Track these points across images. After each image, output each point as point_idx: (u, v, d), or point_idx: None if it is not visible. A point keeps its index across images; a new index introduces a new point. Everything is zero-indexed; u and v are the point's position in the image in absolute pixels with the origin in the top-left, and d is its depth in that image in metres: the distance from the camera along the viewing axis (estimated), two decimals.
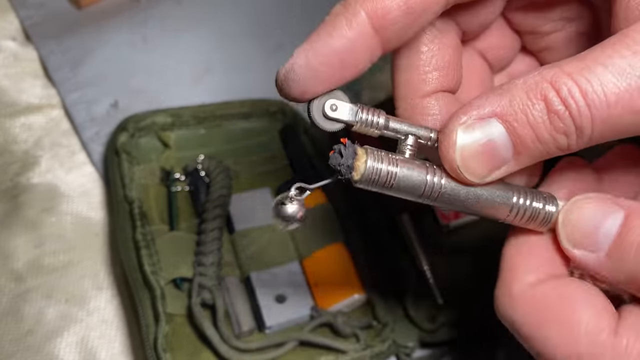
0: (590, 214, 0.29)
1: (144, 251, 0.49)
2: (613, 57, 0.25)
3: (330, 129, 0.29)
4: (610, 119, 0.25)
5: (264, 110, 0.60)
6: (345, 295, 0.51)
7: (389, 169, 0.28)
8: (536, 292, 0.28)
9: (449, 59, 0.33)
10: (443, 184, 0.28)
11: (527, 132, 0.26)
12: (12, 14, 0.68)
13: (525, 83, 0.26)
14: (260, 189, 0.57)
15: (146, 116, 0.57)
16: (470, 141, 0.27)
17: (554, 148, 0.27)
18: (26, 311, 0.51)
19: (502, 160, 0.27)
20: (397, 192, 0.28)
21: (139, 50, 0.67)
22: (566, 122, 0.26)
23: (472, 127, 0.27)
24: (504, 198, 0.29)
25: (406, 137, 0.29)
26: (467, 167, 0.28)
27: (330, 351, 0.48)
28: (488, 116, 0.27)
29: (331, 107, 0.29)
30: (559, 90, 0.25)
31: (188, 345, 0.47)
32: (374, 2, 0.28)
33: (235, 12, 0.72)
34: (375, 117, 0.29)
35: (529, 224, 0.30)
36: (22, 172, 0.58)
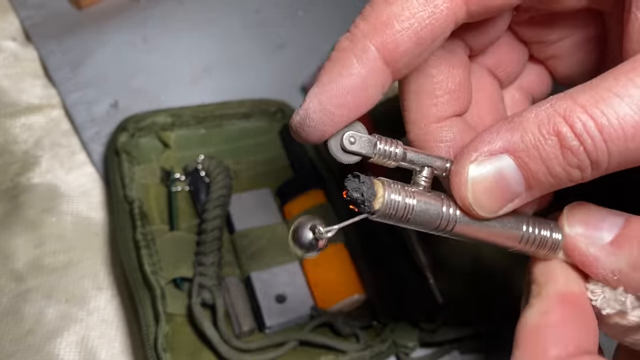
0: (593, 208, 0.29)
1: (144, 251, 0.49)
2: (628, 87, 0.24)
3: (348, 162, 0.29)
4: (628, 152, 0.25)
5: (264, 110, 0.60)
6: (345, 295, 0.51)
7: (406, 202, 0.27)
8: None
9: (459, 81, 0.32)
10: (458, 217, 0.28)
11: (539, 168, 0.26)
12: (12, 14, 0.68)
13: (537, 117, 0.26)
14: (260, 189, 0.57)
15: (146, 116, 0.57)
16: (482, 178, 0.27)
17: (566, 181, 0.26)
18: (26, 311, 0.51)
19: (514, 194, 0.27)
20: (413, 225, 0.28)
21: (139, 51, 0.67)
22: (580, 157, 0.25)
23: (483, 163, 0.27)
24: (515, 229, 0.29)
25: (422, 168, 0.29)
26: (480, 203, 0.28)
27: (330, 351, 0.48)
28: (499, 152, 0.26)
29: (350, 140, 0.28)
30: (573, 125, 0.25)
31: (188, 345, 0.47)
32: (383, 35, 0.27)
33: (236, 12, 0.72)
34: (393, 148, 0.29)
35: (538, 253, 0.30)
36: (22, 172, 0.58)
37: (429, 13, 0.28)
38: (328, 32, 0.67)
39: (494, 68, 0.36)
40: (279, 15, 0.72)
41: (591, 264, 0.29)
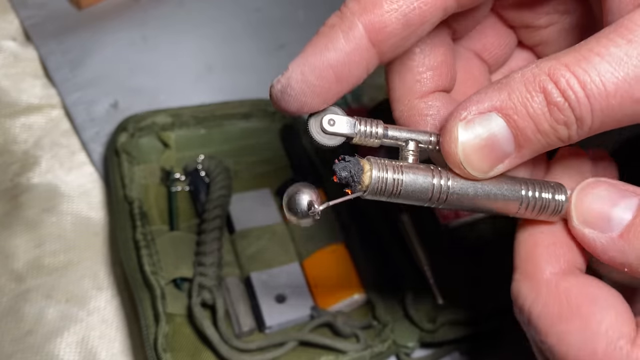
0: (604, 195, 0.29)
1: (144, 251, 0.49)
2: (608, 46, 0.25)
3: (330, 144, 0.29)
4: (610, 108, 0.25)
5: (264, 110, 0.60)
6: (345, 295, 0.51)
7: (394, 177, 0.28)
8: (560, 284, 0.29)
9: (442, 59, 0.32)
10: (450, 185, 0.28)
11: (527, 125, 0.26)
12: (12, 14, 0.68)
13: (523, 76, 0.26)
14: (260, 189, 0.57)
15: (146, 116, 0.57)
16: (472, 136, 0.27)
17: (555, 139, 0.27)
18: (26, 311, 0.51)
19: (504, 153, 0.27)
20: (405, 199, 0.28)
21: (139, 50, 0.67)
22: (566, 113, 0.26)
23: (472, 122, 0.27)
24: (512, 192, 0.29)
25: (407, 143, 0.30)
26: (470, 162, 0.28)
27: (330, 351, 0.48)
28: (488, 110, 0.27)
29: (329, 122, 0.29)
30: (557, 81, 0.25)
31: (188, 345, 0.47)
32: (371, 15, 0.28)
33: (236, 12, 0.72)
34: (373, 127, 0.29)
35: (541, 215, 0.30)
36: (22, 172, 0.58)
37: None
38: None
39: (480, 51, 0.36)
40: (279, 15, 0.72)
41: (598, 254, 0.29)
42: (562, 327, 0.28)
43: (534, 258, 0.30)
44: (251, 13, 0.72)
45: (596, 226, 0.29)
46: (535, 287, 0.29)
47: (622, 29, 0.25)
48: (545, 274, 0.29)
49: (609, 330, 0.27)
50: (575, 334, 0.27)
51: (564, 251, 0.30)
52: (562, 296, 0.28)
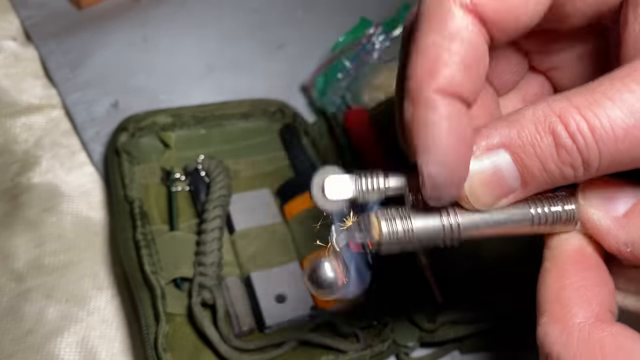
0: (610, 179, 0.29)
1: (144, 251, 0.49)
2: (622, 91, 0.25)
3: (335, 209, 0.29)
4: (618, 153, 0.25)
5: (264, 110, 0.60)
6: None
7: (404, 227, 0.28)
8: (593, 334, 0.28)
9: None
10: (460, 222, 0.29)
11: (534, 164, 0.27)
12: (12, 14, 0.68)
13: (534, 115, 0.27)
14: (260, 189, 0.57)
15: (146, 116, 0.57)
16: (479, 171, 0.28)
17: (560, 178, 0.27)
18: (26, 311, 0.51)
19: (510, 188, 0.28)
20: (420, 244, 0.29)
21: (139, 51, 0.67)
22: (573, 156, 0.26)
23: (481, 157, 0.28)
24: (522, 214, 0.30)
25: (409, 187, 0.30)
26: (475, 196, 0.28)
27: (330, 351, 0.48)
28: (497, 147, 0.27)
29: (330, 188, 0.29)
30: (567, 124, 0.26)
31: (188, 345, 0.47)
32: None
33: (236, 12, 0.72)
34: (374, 183, 0.29)
35: (555, 229, 0.30)
36: (22, 172, 0.59)
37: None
38: (328, 32, 0.67)
39: (490, 76, 0.36)
40: (279, 16, 0.72)
41: (603, 236, 0.29)
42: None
43: (564, 301, 0.29)
44: (251, 13, 0.72)
45: (601, 207, 0.29)
46: (565, 333, 0.28)
47: (637, 73, 0.25)
48: (577, 319, 0.28)
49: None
50: None
51: (595, 293, 0.29)
52: (596, 347, 0.27)
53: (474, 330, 0.50)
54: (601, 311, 0.28)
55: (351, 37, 0.64)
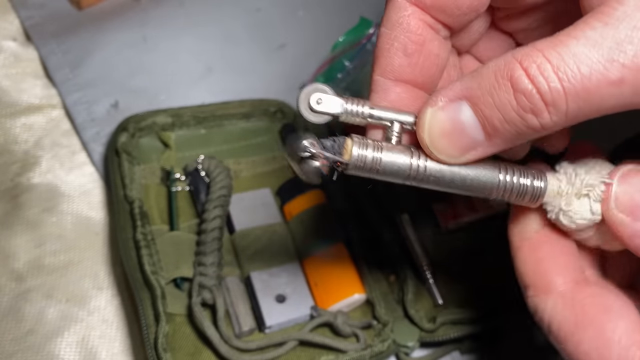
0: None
1: (144, 251, 0.50)
2: (585, 29, 0.25)
3: (318, 122, 0.31)
4: (586, 92, 0.25)
5: (264, 110, 0.60)
6: (345, 295, 0.51)
7: (374, 155, 0.29)
8: (575, 296, 0.30)
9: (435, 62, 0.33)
10: (427, 166, 0.29)
11: (493, 114, 0.26)
12: (12, 14, 0.68)
13: (495, 65, 0.26)
14: (260, 189, 0.57)
15: (146, 116, 0.57)
16: (438, 121, 0.28)
17: (524, 128, 0.26)
18: (27, 311, 0.51)
19: (474, 141, 0.28)
20: (384, 175, 0.30)
21: (139, 51, 0.67)
22: (533, 101, 0.25)
23: (441, 108, 0.28)
24: (490, 177, 0.30)
25: (392, 124, 0.31)
26: (437, 147, 0.28)
27: (330, 351, 0.48)
28: (458, 98, 0.27)
29: (317, 100, 0.30)
30: (528, 68, 0.25)
31: (188, 345, 0.47)
32: None
33: (236, 12, 0.72)
34: (359, 107, 0.31)
35: (519, 201, 0.31)
36: (22, 172, 0.59)
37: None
38: (328, 32, 0.67)
39: (480, 57, 0.37)
40: (279, 16, 0.72)
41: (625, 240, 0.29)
42: (579, 336, 0.29)
43: (543, 272, 0.31)
44: (251, 13, 0.72)
45: (630, 213, 0.29)
46: (551, 302, 0.30)
47: (599, 13, 0.25)
48: (559, 286, 0.30)
49: (622, 338, 0.28)
50: (590, 342, 0.29)
51: (569, 260, 0.31)
52: (578, 307, 0.30)
53: (474, 330, 0.50)
54: (577, 275, 0.31)
55: (351, 37, 0.64)
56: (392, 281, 0.53)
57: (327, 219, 0.54)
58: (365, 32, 0.64)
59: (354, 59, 0.62)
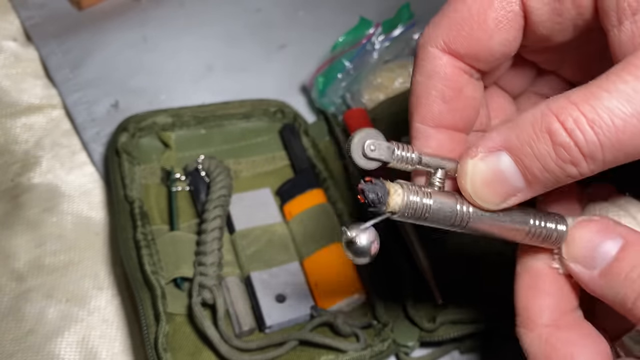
0: (590, 235, 0.31)
1: (144, 251, 0.50)
2: (616, 83, 0.26)
3: (369, 168, 0.30)
4: (620, 144, 0.26)
5: (264, 110, 0.60)
6: (345, 295, 0.51)
7: (423, 202, 0.29)
8: (549, 339, 0.31)
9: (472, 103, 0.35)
10: (471, 213, 0.30)
11: (534, 164, 0.28)
12: (13, 15, 0.68)
13: (532, 116, 0.27)
14: (260, 189, 0.57)
15: (147, 116, 0.57)
16: (479, 172, 0.29)
17: (563, 177, 0.28)
18: (27, 311, 0.51)
19: (515, 188, 0.29)
20: (430, 222, 0.30)
21: (139, 51, 0.67)
22: (572, 153, 0.26)
23: (482, 159, 0.29)
24: (522, 223, 0.31)
25: (436, 170, 0.31)
26: (479, 195, 0.30)
27: (330, 350, 0.48)
28: (497, 149, 0.28)
29: (370, 147, 0.30)
30: (565, 121, 0.26)
31: (188, 345, 0.47)
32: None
33: (236, 12, 0.72)
34: (409, 153, 0.31)
35: (544, 243, 0.32)
36: (22, 172, 0.59)
37: None
38: (328, 32, 0.67)
39: (503, 85, 0.38)
40: (279, 16, 0.72)
41: (585, 287, 0.31)
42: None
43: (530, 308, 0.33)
44: (251, 13, 0.72)
45: (582, 262, 0.31)
46: (529, 337, 0.32)
47: (631, 65, 0.26)
48: (539, 325, 0.32)
49: None
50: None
51: (556, 299, 0.32)
52: (550, 351, 0.31)
53: (474, 330, 0.50)
54: (559, 316, 0.32)
55: (351, 37, 0.64)
56: (392, 281, 0.53)
57: (327, 219, 0.54)
58: (365, 32, 0.64)
59: (354, 59, 0.63)
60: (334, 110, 0.62)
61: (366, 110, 0.61)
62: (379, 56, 0.63)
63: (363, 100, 0.62)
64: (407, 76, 0.63)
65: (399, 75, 0.63)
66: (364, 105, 0.62)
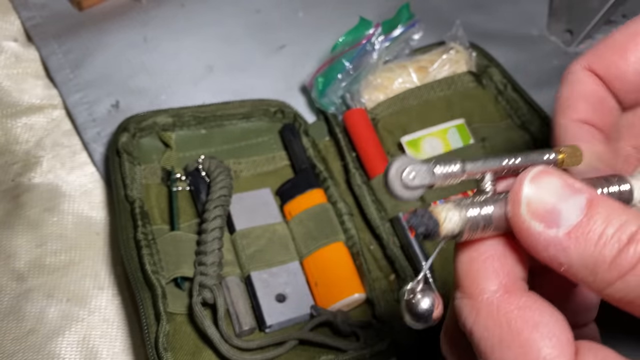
0: (555, 188, 0.27)
1: (145, 251, 0.50)
2: None
3: (414, 198, 0.27)
4: None
5: (264, 110, 0.61)
6: (345, 294, 0.51)
7: (482, 213, 0.27)
8: (500, 307, 0.27)
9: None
10: None
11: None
12: (13, 15, 0.69)
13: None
14: (260, 189, 0.57)
15: (147, 116, 0.57)
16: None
17: None
18: (28, 310, 0.51)
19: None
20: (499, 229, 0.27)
21: (140, 51, 0.67)
22: None
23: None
24: None
25: (483, 176, 0.28)
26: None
27: (330, 350, 0.48)
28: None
29: (410, 176, 0.27)
30: None
31: (189, 344, 0.47)
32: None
33: (236, 13, 0.72)
34: (450, 167, 0.28)
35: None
36: (23, 172, 0.59)
37: None
38: (328, 32, 0.67)
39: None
40: (279, 16, 0.73)
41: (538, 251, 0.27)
42: (502, 354, 0.26)
43: (472, 275, 0.28)
44: (251, 14, 0.73)
45: (544, 220, 0.26)
46: (475, 308, 0.27)
47: None
48: (486, 293, 0.27)
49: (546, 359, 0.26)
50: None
51: (502, 263, 0.28)
52: (503, 320, 0.27)
53: None
54: (509, 282, 0.28)
55: (351, 37, 0.64)
56: (392, 281, 0.53)
57: (327, 219, 0.54)
58: (365, 32, 0.64)
59: (354, 59, 0.63)
60: (334, 110, 0.62)
61: (366, 110, 0.61)
62: (379, 56, 0.63)
63: (363, 100, 0.62)
64: (406, 76, 0.63)
65: (399, 75, 0.63)
66: (364, 105, 0.62)
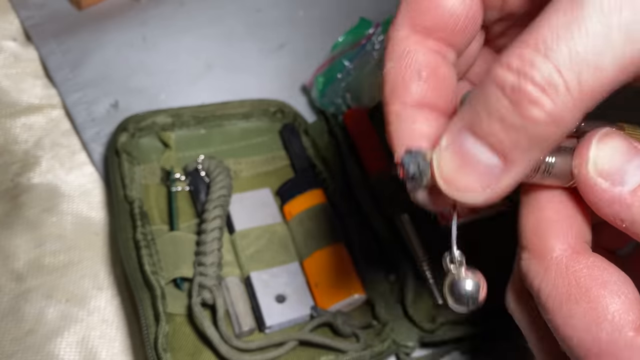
0: (621, 148, 0.27)
1: (144, 251, 0.50)
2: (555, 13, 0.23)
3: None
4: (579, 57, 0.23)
5: (264, 110, 0.60)
6: (345, 295, 0.51)
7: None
8: (570, 266, 0.28)
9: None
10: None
11: (492, 127, 0.25)
12: (12, 14, 0.68)
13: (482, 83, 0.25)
14: (260, 189, 0.57)
15: (146, 116, 0.57)
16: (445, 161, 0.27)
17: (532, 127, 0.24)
18: (26, 311, 0.51)
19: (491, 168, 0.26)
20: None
21: (139, 51, 0.67)
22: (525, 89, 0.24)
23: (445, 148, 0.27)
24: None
25: None
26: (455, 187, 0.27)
27: (330, 351, 0.48)
28: (458, 131, 0.26)
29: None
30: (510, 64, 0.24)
31: (188, 345, 0.47)
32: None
33: (236, 12, 0.72)
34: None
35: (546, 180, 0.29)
36: (22, 172, 0.59)
37: None
38: (328, 32, 0.67)
39: (473, 79, 0.36)
40: (279, 15, 0.72)
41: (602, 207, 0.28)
42: (570, 309, 0.27)
43: (541, 235, 0.29)
44: (251, 13, 0.72)
45: (610, 178, 0.27)
46: (544, 266, 0.28)
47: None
48: (555, 253, 0.28)
49: (615, 316, 0.26)
50: (581, 317, 0.27)
51: (570, 225, 0.29)
52: (572, 278, 0.28)
53: (474, 330, 0.50)
54: (577, 243, 0.29)
55: (351, 37, 0.64)
56: (392, 281, 0.53)
57: (327, 219, 0.54)
58: (365, 32, 0.64)
59: (354, 59, 0.62)
60: (334, 110, 0.62)
61: (366, 110, 0.61)
62: (379, 56, 0.63)
63: (363, 100, 0.62)
64: None
65: None
66: (364, 105, 0.62)
